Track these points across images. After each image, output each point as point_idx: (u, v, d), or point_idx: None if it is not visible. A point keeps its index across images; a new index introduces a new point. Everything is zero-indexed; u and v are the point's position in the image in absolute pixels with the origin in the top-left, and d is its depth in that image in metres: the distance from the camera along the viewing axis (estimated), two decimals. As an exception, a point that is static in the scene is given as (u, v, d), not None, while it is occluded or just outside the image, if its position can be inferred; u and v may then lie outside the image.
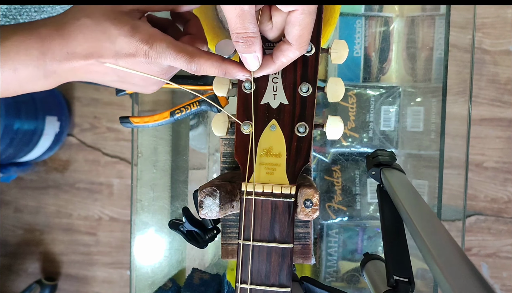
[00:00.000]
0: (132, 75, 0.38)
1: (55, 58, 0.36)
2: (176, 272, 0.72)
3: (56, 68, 0.36)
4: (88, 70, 0.37)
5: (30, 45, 0.35)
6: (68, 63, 0.36)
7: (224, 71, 0.37)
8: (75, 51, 0.36)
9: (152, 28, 0.37)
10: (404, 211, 0.34)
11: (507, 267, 1.33)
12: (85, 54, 0.36)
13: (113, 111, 1.44)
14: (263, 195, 0.35)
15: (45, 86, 0.38)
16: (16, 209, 1.49)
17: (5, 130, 1.16)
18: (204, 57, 0.36)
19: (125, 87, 0.40)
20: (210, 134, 0.70)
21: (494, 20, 1.30)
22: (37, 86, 0.38)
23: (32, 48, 0.35)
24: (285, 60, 0.35)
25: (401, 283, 0.33)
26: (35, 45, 0.36)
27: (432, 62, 0.66)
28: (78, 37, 0.36)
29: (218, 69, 0.36)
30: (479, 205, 1.33)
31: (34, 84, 0.37)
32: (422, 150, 0.66)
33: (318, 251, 0.68)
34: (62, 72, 0.37)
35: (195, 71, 0.36)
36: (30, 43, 0.35)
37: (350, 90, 0.63)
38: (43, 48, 0.36)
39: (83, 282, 1.48)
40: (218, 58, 0.37)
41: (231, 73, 0.37)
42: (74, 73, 0.37)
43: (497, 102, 1.31)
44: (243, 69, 0.37)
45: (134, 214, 0.70)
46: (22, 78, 0.36)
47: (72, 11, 0.37)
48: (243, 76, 0.37)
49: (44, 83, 0.37)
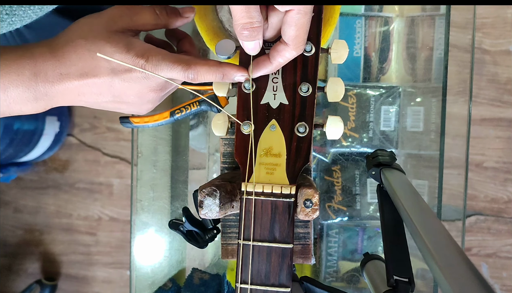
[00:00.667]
0: (127, 92, 0.37)
1: (48, 79, 0.35)
2: (176, 272, 0.72)
3: (48, 90, 0.36)
4: (81, 92, 0.36)
5: (22, 66, 0.35)
6: (61, 84, 0.36)
7: (221, 74, 0.37)
8: (69, 72, 0.35)
9: (147, 44, 0.37)
10: (404, 211, 0.34)
11: (507, 267, 1.33)
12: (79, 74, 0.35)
13: (113, 111, 1.44)
14: (263, 195, 0.35)
15: (34, 109, 0.37)
16: (16, 209, 1.49)
17: (5, 130, 1.16)
18: (200, 64, 0.36)
19: (120, 107, 0.40)
20: (210, 134, 0.70)
21: (494, 20, 1.30)
22: (26, 109, 0.36)
23: (24, 69, 0.35)
24: (282, 60, 0.35)
25: (401, 283, 0.33)
26: (27, 66, 0.35)
27: (432, 62, 0.66)
28: (72, 57, 0.35)
29: (215, 74, 0.37)
30: (479, 205, 1.33)
31: (23, 106, 0.36)
32: (422, 150, 0.66)
33: (318, 251, 0.68)
34: (54, 94, 0.36)
35: (193, 78, 0.36)
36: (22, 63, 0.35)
37: (350, 90, 0.63)
38: (36, 68, 0.35)
39: (83, 282, 1.48)
40: (215, 63, 0.37)
41: (229, 75, 0.37)
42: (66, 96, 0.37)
43: (497, 102, 1.31)
44: (240, 70, 0.37)
45: (134, 214, 0.70)
46: (11, 98, 0.35)
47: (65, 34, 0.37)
48: (241, 76, 0.37)
49: (34, 105, 0.36)
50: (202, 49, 0.68)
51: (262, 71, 0.36)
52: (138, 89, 0.37)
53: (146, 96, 0.38)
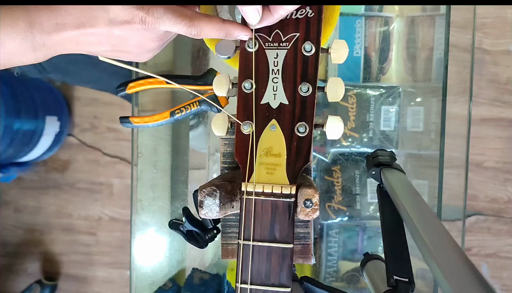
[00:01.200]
0: (126, 42, 0.37)
1: (44, 29, 0.35)
2: (176, 272, 0.72)
3: (45, 40, 0.35)
4: (79, 41, 0.36)
5: (16, 17, 0.35)
6: (57, 34, 0.35)
7: (225, 32, 0.36)
8: (65, 22, 0.35)
9: None
10: (404, 211, 0.34)
11: (507, 267, 1.33)
12: (76, 24, 0.35)
13: (113, 111, 1.44)
14: (263, 195, 0.35)
15: (34, 59, 0.37)
16: (16, 209, 1.49)
17: (5, 130, 1.16)
18: (204, 20, 0.36)
19: (119, 56, 0.39)
20: (210, 134, 0.70)
21: (494, 20, 1.30)
22: (25, 59, 0.37)
23: (18, 20, 0.35)
24: (283, 12, 0.35)
25: (401, 283, 0.33)
26: (21, 17, 0.35)
27: (432, 62, 0.66)
28: (68, 7, 0.35)
29: (219, 31, 0.36)
30: (479, 205, 1.33)
31: (22, 57, 0.36)
32: (422, 150, 0.66)
33: (318, 251, 0.68)
34: (51, 44, 0.36)
35: (196, 34, 0.36)
36: (16, 15, 0.35)
37: (350, 90, 0.63)
38: (30, 19, 0.35)
39: (83, 282, 1.48)
40: (218, 20, 0.36)
41: (232, 33, 0.37)
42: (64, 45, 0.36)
43: (497, 102, 1.31)
44: (244, 29, 0.37)
45: (134, 214, 0.70)
46: (9, 51, 0.35)
47: None
48: (245, 35, 0.37)
49: (33, 56, 0.36)
50: (202, 49, 0.68)
51: (264, 22, 0.36)
52: (137, 40, 0.37)
53: (146, 46, 0.38)
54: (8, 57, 0.36)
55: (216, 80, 0.39)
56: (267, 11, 0.36)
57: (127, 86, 0.53)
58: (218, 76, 0.40)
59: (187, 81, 0.52)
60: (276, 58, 0.37)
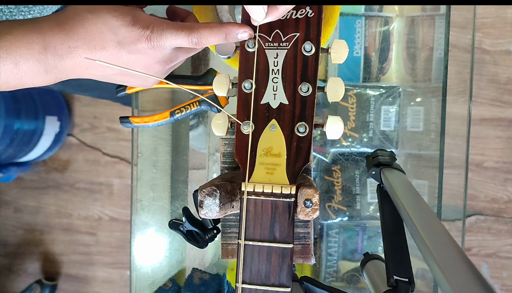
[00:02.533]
0: (133, 65, 0.38)
1: (57, 52, 0.36)
2: (176, 272, 0.72)
3: (57, 63, 0.36)
4: (89, 65, 0.37)
5: (32, 40, 0.36)
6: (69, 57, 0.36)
7: (224, 34, 0.37)
8: (77, 45, 0.36)
9: (151, 16, 0.38)
10: (404, 211, 0.34)
11: (507, 267, 1.33)
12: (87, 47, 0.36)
13: (113, 111, 1.44)
14: (263, 195, 0.35)
15: (45, 82, 0.38)
16: (16, 209, 1.49)
17: (5, 130, 1.16)
18: (202, 27, 0.36)
19: (127, 80, 0.40)
20: (210, 134, 0.70)
21: (494, 20, 1.30)
22: (37, 81, 0.38)
23: (34, 43, 0.36)
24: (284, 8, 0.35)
25: (401, 283, 0.33)
26: (37, 40, 0.36)
27: (432, 62, 0.66)
28: (79, 31, 0.36)
29: (218, 34, 0.37)
30: (479, 205, 1.33)
31: (34, 79, 0.37)
32: (422, 150, 0.66)
33: (318, 251, 0.68)
34: (63, 67, 0.37)
35: (197, 42, 0.37)
36: (32, 37, 0.36)
37: (350, 90, 0.63)
38: (45, 42, 0.36)
39: (83, 282, 1.48)
40: (216, 24, 0.37)
41: (232, 34, 0.37)
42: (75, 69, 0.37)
43: (497, 102, 1.31)
44: (242, 26, 0.37)
45: (134, 214, 0.70)
46: (22, 72, 0.36)
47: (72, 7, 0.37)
48: (244, 32, 0.37)
49: (44, 78, 0.37)
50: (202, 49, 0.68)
51: (268, 18, 0.36)
52: (144, 61, 0.38)
53: (152, 68, 0.39)
54: (20, 78, 0.37)
55: (216, 80, 0.39)
56: (272, 5, 0.36)
57: (127, 86, 0.53)
58: (218, 76, 0.40)
59: (187, 81, 0.52)
60: (276, 58, 0.37)
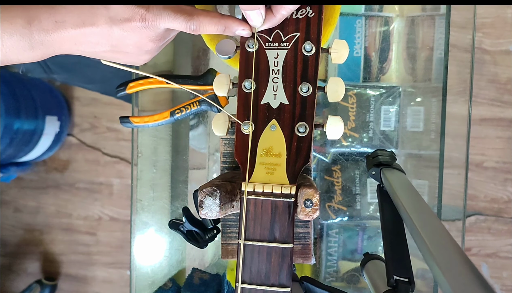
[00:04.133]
0: (125, 42, 0.36)
1: (42, 27, 0.34)
2: (176, 272, 0.72)
3: (43, 39, 0.35)
4: (78, 41, 0.36)
5: (14, 14, 0.34)
6: (56, 33, 0.35)
7: (223, 26, 0.36)
8: (64, 20, 0.34)
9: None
10: (404, 211, 0.34)
11: (507, 267, 1.33)
12: (76, 22, 0.34)
13: (113, 111, 1.44)
14: (263, 195, 0.35)
15: (32, 58, 0.36)
16: (16, 209, 1.49)
17: (5, 130, 1.16)
18: (202, 14, 0.36)
19: (117, 57, 0.39)
20: (210, 134, 0.70)
21: (494, 20, 1.30)
22: (23, 57, 0.36)
23: (16, 16, 0.34)
24: (285, 12, 0.35)
25: (401, 283, 0.33)
26: (20, 14, 0.34)
27: (432, 62, 0.66)
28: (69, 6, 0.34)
29: (217, 25, 0.36)
30: (479, 205, 1.33)
31: (19, 55, 0.36)
32: (422, 150, 0.66)
33: (318, 251, 0.68)
34: (49, 43, 0.35)
35: (195, 29, 0.36)
36: (14, 11, 0.34)
37: (350, 90, 0.63)
38: (29, 16, 0.34)
39: (83, 282, 1.48)
40: (217, 14, 0.36)
41: (231, 28, 0.36)
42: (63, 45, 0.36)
43: (497, 102, 1.31)
44: (243, 24, 0.37)
45: (134, 214, 0.70)
46: (7, 47, 0.35)
47: None
48: (243, 30, 0.37)
49: (31, 54, 0.36)
50: (202, 49, 0.68)
51: (266, 24, 0.36)
52: (137, 39, 0.36)
53: (144, 46, 0.37)
54: (5, 54, 0.35)
55: (216, 80, 0.39)
56: (270, 12, 0.36)
57: (127, 86, 0.53)
58: (218, 76, 0.40)
59: (187, 81, 0.52)
60: (277, 58, 0.37)
